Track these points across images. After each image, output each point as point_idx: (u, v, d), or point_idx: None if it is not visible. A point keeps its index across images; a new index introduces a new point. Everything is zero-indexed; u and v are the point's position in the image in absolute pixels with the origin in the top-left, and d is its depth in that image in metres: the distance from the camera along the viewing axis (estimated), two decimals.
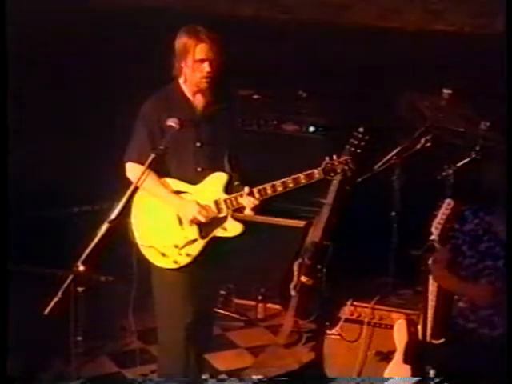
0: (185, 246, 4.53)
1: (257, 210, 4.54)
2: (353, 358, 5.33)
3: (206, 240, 4.54)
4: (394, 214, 5.68)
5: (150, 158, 4.37)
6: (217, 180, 4.55)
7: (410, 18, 6.68)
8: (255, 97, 6.32)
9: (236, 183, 4.58)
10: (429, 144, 5.48)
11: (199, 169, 4.57)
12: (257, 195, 4.49)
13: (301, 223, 5.96)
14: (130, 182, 4.46)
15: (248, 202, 4.50)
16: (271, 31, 6.65)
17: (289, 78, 6.41)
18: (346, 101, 6.19)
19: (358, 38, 6.48)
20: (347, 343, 5.36)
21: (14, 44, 4.77)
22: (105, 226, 4.21)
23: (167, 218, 4.57)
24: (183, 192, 4.57)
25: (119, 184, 4.56)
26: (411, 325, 4.84)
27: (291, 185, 4.47)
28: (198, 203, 4.53)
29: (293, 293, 5.70)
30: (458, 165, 5.38)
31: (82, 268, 4.19)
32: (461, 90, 5.52)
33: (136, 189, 4.44)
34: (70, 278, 4.18)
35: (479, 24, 6.39)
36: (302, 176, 4.46)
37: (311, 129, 6.18)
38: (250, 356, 5.80)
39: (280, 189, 4.48)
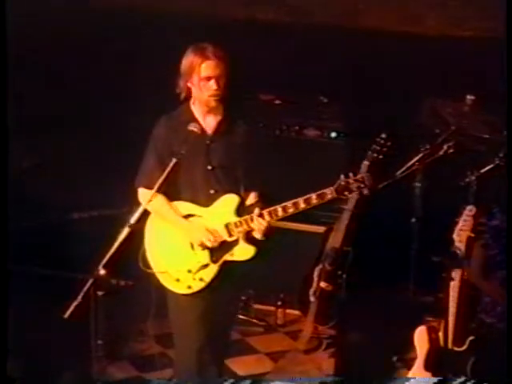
0: (198, 270, 4.45)
1: (267, 232, 4.43)
2: None
3: (218, 264, 4.45)
4: (414, 220, 5.65)
5: (171, 164, 4.34)
6: (228, 202, 4.46)
7: (430, 24, 6.64)
8: (276, 102, 6.31)
9: (250, 202, 4.49)
10: (452, 150, 5.45)
11: (212, 191, 4.47)
12: (267, 217, 4.38)
13: (321, 229, 5.94)
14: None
15: (258, 224, 4.39)
16: (292, 36, 6.62)
17: (310, 83, 6.39)
18: (368, 106, 6.17)
19: (380, 44, 6.45)
20: None
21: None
22: (125, 231, 4.21)
23: (179, 242, 4.50)
24: (194, 215, 4.49)
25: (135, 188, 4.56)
26: (432, 332, 4.81)
27: (302, 205, 4.35)
28: (205, 228, 4.44)
29: (312, 299, 5.68)
30: (482, 171, 5.34)
31: (102, 272, 4.19)
32: (484, 96, 5.50)
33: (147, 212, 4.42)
34: (90, 281, 4.19)
35: (497, 28, 6.34)
36: (314, 196, 4.33)
37: (333, 134, 6.16)
38: (270, 361, 5.78)
39: (291, 210, 4.37)
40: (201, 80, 4.39)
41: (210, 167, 4.47)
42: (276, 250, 5.67)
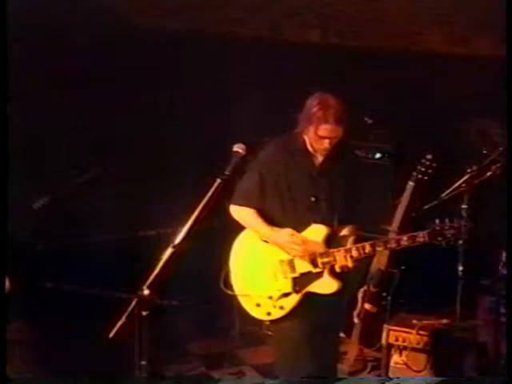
0: (279, 298, 4.47)
1: (348, 269, 4.42)
2: None
3: (300, 294, 4.46)
4: (461, 242, 5.58)
5: (216, 184, 4.33)
6: (315, 233, 4.46)
7: (477, 45, 6.59)
8: None
9: (344, 234, 4.49)
10: (500, 171, 5.37)
11: (313, 223, 4.48)
12: (354, 253, 4.41)
13: None
14: (190, 206, 4.41)
15: (342, 258, 4.39)
16: (337, 56, 6.63)
17: (354, 104, 6.36)
18: (413, 127, 6.13)
19: (426, 64, 6.42)
20: (414, 373, 5.29)
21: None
22: (169, 251, 4.22)
23: (263, 268, 4.52)
24: None
25: (181, 208, 4.55)
26: None
27: (393, 245, 4.45)
28: (292, 233, 4.43)
29: (356, 320, 5.65)
30: None
31: (146, 292, 4.20)
32: None
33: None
34: (135, 301, 4.19)
35: None
36: (404, 238, 4.42)
37: (377, 155, 6.12)
38: None
39: (380, 248, 4.44)
40: (316, 135, 4.41)
41: (313, 199, 4.47)
42: None
